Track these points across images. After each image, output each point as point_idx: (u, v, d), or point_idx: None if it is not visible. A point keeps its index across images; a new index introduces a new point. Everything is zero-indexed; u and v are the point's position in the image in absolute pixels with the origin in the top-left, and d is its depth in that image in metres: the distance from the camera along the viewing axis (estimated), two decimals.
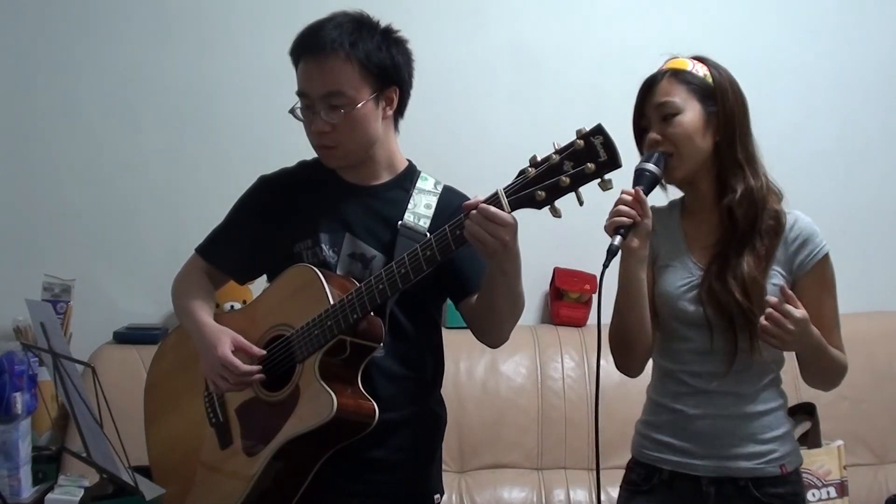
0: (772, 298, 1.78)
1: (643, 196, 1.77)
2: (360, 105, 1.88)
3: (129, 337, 3.07)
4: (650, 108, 1.89)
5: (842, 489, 2.89)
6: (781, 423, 1.94)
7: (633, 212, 1.75)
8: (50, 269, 3.02)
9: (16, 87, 3.14)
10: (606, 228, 1.76)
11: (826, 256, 1.90)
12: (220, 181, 3.14)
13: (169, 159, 3.20)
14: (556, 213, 1.66)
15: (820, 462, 2.88)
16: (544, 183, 1.63)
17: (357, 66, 1.88)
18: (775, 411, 1.93)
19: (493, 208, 1.66)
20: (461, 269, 1.92)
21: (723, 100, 1.89)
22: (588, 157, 1.60)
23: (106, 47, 3.16)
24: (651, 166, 1.83)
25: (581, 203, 1.64)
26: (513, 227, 1.68)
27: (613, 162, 1.60)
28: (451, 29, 3.20)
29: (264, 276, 2.22)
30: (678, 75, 1.89)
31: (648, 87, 1.91)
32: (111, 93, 3.16)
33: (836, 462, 2.90)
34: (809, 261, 1.89)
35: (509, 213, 1.66)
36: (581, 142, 1.61)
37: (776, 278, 1.88)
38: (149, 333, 3.07)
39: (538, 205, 1.65)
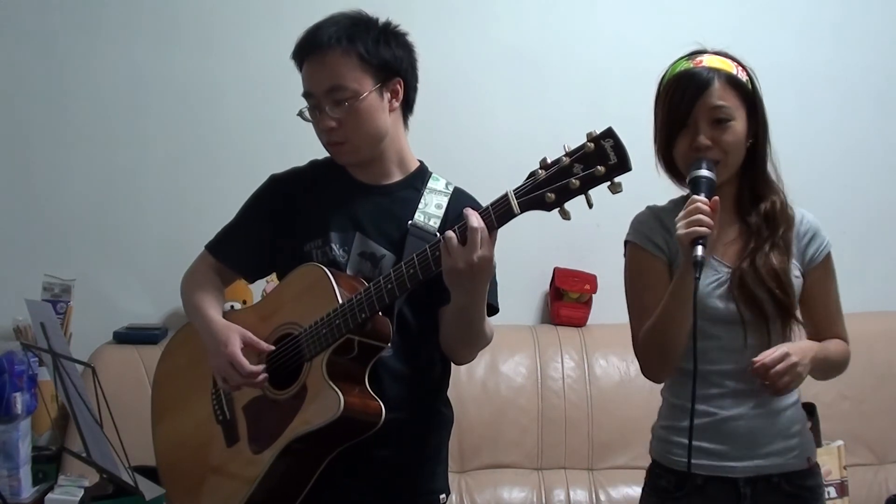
0: (755, 361, 1.78)
1: (718, 205, 1.74)
2: (363, 97, 1.88)
3: (129, 337, 3.06)
4: (703, 109, 1.82)
5: (842, 489, 2.89)
6: (801, 416, 1.96)
7: (712, 221, 1.71)
8: (50, 269, 3.01)
9: (16, 87, 3.14)
10: (683, 238, 1.71)
11: (830, 251, 1.95)
12: (221, 181, 3.15)
13: (169, 160, 3.20)
14: (565, 216, 1.65)
15: (820, 462, 2.87)
16: (554, 185, 1.63)
17: (356, 59, 1.88)
18: (796, 404, 1.94)
19: (456, 242, 1.68)
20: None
21: (761, 109, 1.88)
22: (598, 159, 1.59)
23: (106, 48, 3.15)
24: (708, 173, 1.78)
25: (591, 206, 1.64)
26: (484, 260, 1.67)
27: (623, 165, 1.59)
28: (453, 29, 3.20)
29: (262, 277, 2.23)
30: (730, 80, 1.83)
31: (701, 86, 1.82)
32: (111, 94, 3.16)
33: (836, 462, 2.90)
34: (819, 254, 1.93)
35: (519, 213, 1.67)
36: (591, 144, 1.60)
37: (796, 271, 1.90)
38: (149, 333, 3.07)
39: (548, 207, 1.64)
